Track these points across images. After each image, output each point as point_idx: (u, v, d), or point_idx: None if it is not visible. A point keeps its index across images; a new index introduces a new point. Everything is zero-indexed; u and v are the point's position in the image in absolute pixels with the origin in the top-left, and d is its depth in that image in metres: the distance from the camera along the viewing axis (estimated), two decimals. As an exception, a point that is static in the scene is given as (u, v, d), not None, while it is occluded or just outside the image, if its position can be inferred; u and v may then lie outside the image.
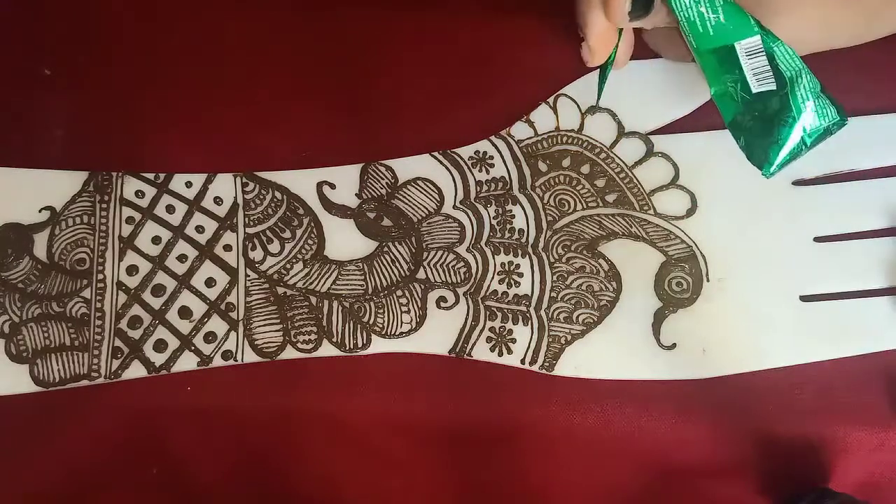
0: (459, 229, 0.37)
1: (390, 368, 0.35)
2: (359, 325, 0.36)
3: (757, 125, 0.32)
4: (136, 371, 0.35)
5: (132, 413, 0.35)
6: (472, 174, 0.38)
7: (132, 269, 0.36)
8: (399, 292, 0.36)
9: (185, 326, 0.35)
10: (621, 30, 0.35)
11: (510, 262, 0.37)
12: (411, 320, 0.36)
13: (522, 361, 0.35)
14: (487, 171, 0.38)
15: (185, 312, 0.36)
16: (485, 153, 0.38)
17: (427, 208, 0.37)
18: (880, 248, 0.36)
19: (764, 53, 0.32)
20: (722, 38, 0.32)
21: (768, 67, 0.32)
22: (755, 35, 0.32)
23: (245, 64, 0.39)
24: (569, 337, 0.36)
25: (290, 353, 0.35)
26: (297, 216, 0.37)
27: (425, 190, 0.38)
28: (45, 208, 0.36)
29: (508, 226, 0.37)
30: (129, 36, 0.39)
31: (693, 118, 0.38)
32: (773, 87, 0.32)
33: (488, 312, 0.36)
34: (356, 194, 0.37)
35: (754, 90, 0.32)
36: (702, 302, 0.36)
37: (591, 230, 0.37)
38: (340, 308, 0.36)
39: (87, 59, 0.39)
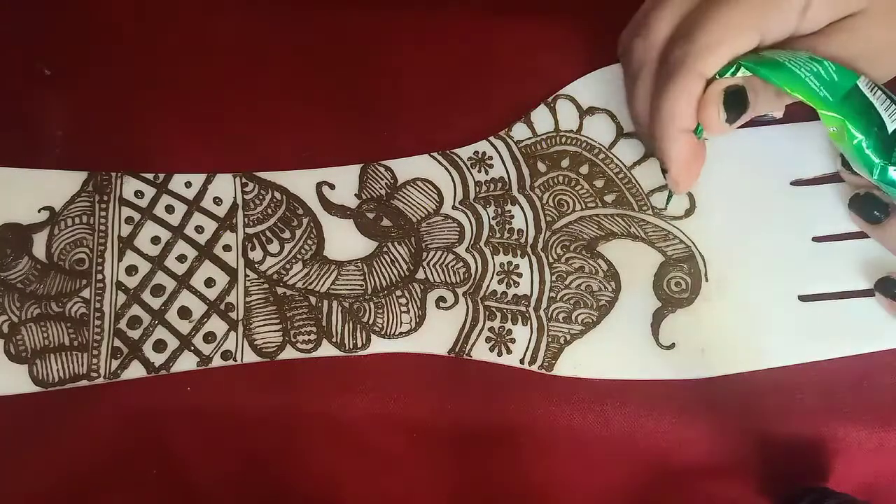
0: (459, 229, 0.37)
1: (390, 368, 0.35)
2: (358, 325, 0.36)
3: None
4: (135, 371, 0.35)
5: (132, 413, 0.35)
6: (472, 174, 0.38)
7: (131, 270, 0.36)
8: (398, 292, 0.36)
9: (184, 326, 0.35)
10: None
11: (509, 263, 0.37)
12: (411, 320, 0.36)
13: (522, 361, 0.35)
14: (486, 172, 0.38)
15: (184, 312, 0.36)
16: (484, 153, 0.38)
17: (426, 209, 0.37)
18: (879, 248, 0.36)
19: (877, 87, 0.32)
20: (842, 86, 0.31)
21: (886, 98, 0.31)
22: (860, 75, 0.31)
23: (245, 64, 0.39)
24: (568, 337, 0.36)
25: (289, 353, 0.35)
26: (297, 216, 0.37)
27: (425, 190, 0.38)
28: (45, 208, 0.36)
29: (507, 226, 0.37)
30: (128, 36, 0.39)
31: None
32: None
33: (487, 312, 0.36)
34: (356, 195, 0.37)
35: (890, 128, 0.31)
36: (701, 302, 0.36)
37: (590, 230, 0.37)
38: (340, 308, 0.36)
39: (87, 59, 0.39)
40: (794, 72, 0.30)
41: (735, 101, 0.32)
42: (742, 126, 0.37)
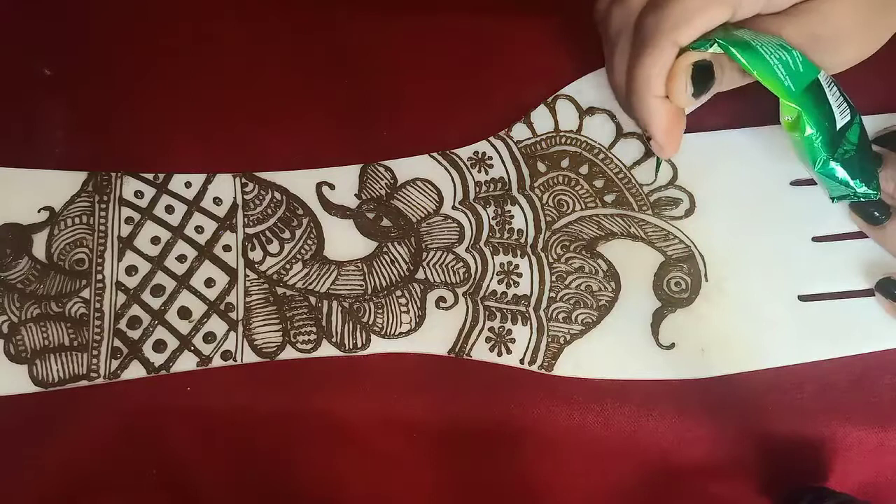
0: (458, 230, 0.37)
1: (390, 368, 0.35)
2: (358, 325, 0.36)
3: (854, 156, 0.32)
4: (135, 371, 0.35)
5: (132, 413, 0.35)
6: (471, 175, 0.38)
7: (131, 270, 0.36)
8: (398, 292, 0.36)
9: (184, 326, 0.35)
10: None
11: (509, 263, 0.37)
12: (411, 320, 0.36)
13: (522, 361, 0.35)
14: (486, 172, 0.38)
15: (184, 313, 0.36)
16: (484, 154, 0.38)
17: (426, 209, 0.37)
18: (879, 248, 0.36)
19: (833, 83, 0.32)
20: (805, 78, 0.31)
21: (840, 95, 0.32)
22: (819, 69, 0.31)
23: (245, 64, 0.39)
24: (568, 337, 0.36)
25: (289, 354, 0.35)
26: (297, 216, 0.37)
27: (424, 190, 0.38)
28: (44, 208, 0.36)
29: (507, 226, 0.37)
30: (128, 36, 0.39)
31: (693, 118, 0.38)
32: (848, 117, 0.32)
33: (487, 312, 0.36)
34: (355, 195, 0.38)
35: (839, 124, 0.32)
36: (700, 302, 0.36)
37: (590, 230, 0.37)
38: (340, 308, 0.36)
39: (87, 59, 0.39)
40: (765, 58, 0.31)
41: (702, 76, 0.32)
42: (744, 125, 0.37)
